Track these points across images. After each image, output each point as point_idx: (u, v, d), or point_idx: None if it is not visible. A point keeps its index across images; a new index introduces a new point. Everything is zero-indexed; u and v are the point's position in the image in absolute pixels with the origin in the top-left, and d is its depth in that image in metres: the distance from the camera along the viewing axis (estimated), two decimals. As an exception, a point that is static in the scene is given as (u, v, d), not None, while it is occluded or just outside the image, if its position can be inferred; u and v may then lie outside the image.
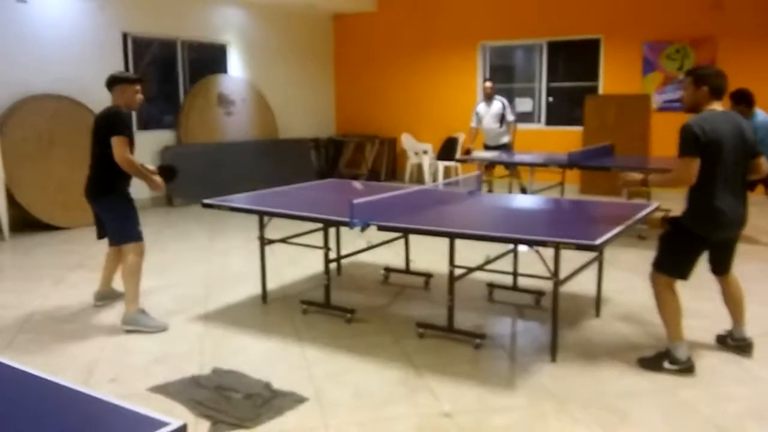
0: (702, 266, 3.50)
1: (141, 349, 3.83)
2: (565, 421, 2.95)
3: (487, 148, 8.49)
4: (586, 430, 2.87)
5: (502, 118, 8.33)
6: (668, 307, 3.42)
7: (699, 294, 3.92)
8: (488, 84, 8.42)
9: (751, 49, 8.50)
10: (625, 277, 5.08)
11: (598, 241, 3.23)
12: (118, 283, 4.51)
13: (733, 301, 3.62)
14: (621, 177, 3.68)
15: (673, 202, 7.13)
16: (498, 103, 8.35)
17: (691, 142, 3.20)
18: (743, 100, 5.92)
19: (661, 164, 6.32)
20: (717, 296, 3.70)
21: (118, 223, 4.20)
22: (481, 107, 8.48)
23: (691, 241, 3.37)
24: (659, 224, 6.84)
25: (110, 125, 4.01)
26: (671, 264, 3.42)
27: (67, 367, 3.56)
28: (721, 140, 3.20)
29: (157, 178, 4.29)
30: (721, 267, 3.57)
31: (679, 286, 3.45)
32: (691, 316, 3.62)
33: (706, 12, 8.69)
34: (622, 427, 2.90)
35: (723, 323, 3.77)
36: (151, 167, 4.39)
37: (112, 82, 4.15)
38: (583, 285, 4.46)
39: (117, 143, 3.97)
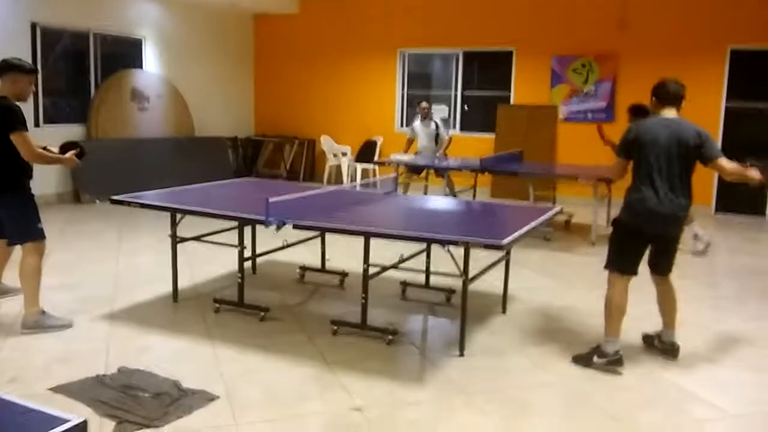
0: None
1: (43, 348, 3.67)
2: (472, 412, 3.07)
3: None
4: (492, 420, 3.01)
5: (437, 138, 8.50)
6: (613, 304, 3.58)
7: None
8: (423, 104, 8.50)
9: (650, 64, 9.09)
10: (531, 276, 5.33)
11: (505, 241, 3.39)
12: (7, 279, 4.33)
13: (666, 305, 3.79)
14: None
15: (575, 207, 7.57)
16: (432, 124, 8.48)
17: (621, 144, 3.64)
18: (640, 114, 6.30)
19: (566, 170, 6.69)
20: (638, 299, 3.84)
21: (19, 221, 3.96)
22: (417, 125, 8.59)
23: (629, 235, 3.60)
24: (563, 227, 7.29)
25: (5, 120, 3.74)
26: (614, 257, 3.64)
27: (-42, 369, 3.36)
28: (652, 140, 3.47)
29: (69, 156, 4.06)
30: (658, 267, 3.74)
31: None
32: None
33: (610, 30, 9.25)
34: (525, 416, 3.06)
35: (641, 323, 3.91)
36: (54, 149, 4.12)
37: (5, 69, 3.84)
38: (492, 283, 4.66)
39: (21, 140, 3.74)
